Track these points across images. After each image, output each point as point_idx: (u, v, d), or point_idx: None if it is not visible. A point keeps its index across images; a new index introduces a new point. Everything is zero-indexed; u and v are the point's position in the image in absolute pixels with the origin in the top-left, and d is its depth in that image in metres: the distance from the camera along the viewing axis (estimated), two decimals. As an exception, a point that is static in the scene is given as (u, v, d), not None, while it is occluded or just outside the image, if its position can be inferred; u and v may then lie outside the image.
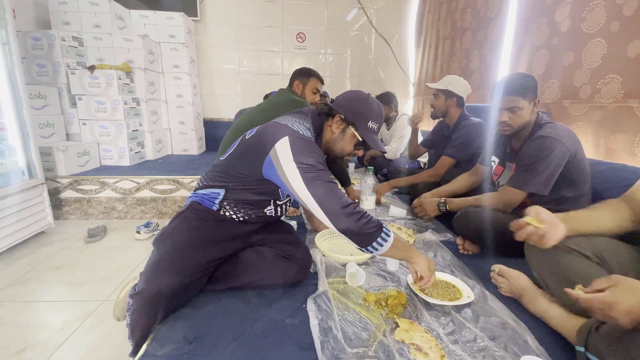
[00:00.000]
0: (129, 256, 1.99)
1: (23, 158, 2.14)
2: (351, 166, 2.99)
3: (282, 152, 0.94)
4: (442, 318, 0.93)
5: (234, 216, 1.09)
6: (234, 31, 3.97)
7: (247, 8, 3.92)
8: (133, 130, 3.07)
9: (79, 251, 2.06)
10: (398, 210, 1.77)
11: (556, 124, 1.30)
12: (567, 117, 1.88)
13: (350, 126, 1.06)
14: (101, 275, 1.77)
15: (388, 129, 2.89)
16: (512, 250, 1.27)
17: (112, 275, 1.77)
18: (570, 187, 1.28)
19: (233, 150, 1.11)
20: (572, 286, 0.78)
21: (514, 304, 1.01)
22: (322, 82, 1.97)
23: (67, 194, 2.54)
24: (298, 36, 4.06)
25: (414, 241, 1.45)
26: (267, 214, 1.14)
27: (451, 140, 1.92)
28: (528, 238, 0.86)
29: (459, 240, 1.42)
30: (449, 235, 1.52)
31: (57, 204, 2.51)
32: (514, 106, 1.27)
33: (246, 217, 1.10)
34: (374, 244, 0.91)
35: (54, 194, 2.49)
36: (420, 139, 2.75)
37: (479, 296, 1.02)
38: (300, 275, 1.12)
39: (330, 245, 1.37)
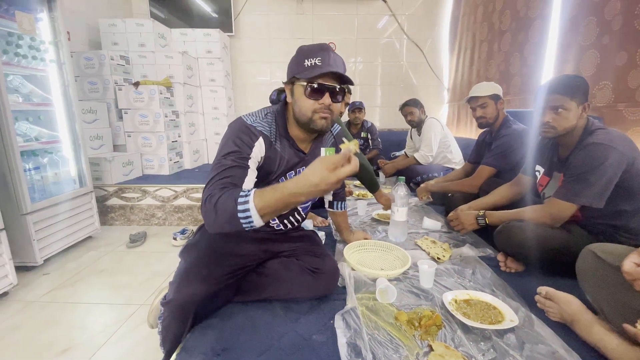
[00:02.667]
0: (166, 262, 2.08)
1: (75, 168, 2.32)
2: (381, 175, 2.93)
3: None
4: (482, 343, 0.86)
5: None
6: (266, 45, 4.09)
7: (279, 22, 4.03)
8: (172, 141, 3.24)
9: (121, 256, 2.18)
10: (432, 222, 1.69)
11: (609, 129, 1.18)
12: (622, 122, 1.70)
13: (295, 83, 0.99)
14: (140, 280, 1.85)
15: (419, 134, 2.81)
16: (561, 269, 1.16)
17: (150, 280, 1.85)
18: (629, 200, 1.14)
19: None
20: (635, 314, 0.68)
21: (565, 330, 0.90)
22: (350, 92, 1.96)
23: (113, 201, 2.71)
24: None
25: (450, 256, 1.37)
26: (275, 227, 1.15)
27: (491, 148, 1.81)
28: None
29: (500, 257, 1.32)
30: (489, 251, 1.42)
31: (103, 210, 2.69)
32: (559, 105, 1.17)
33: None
34: (242, 223, 0.75)
35: (101, 201, 2.67)
36: (459, 153, 2.59)
37: (524, 320, 0.93)
38: (327, 289, 1.09)
39: (360, 259, 1.34)
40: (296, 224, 1.21)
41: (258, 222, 0.75)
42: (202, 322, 0.96)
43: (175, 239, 2.34)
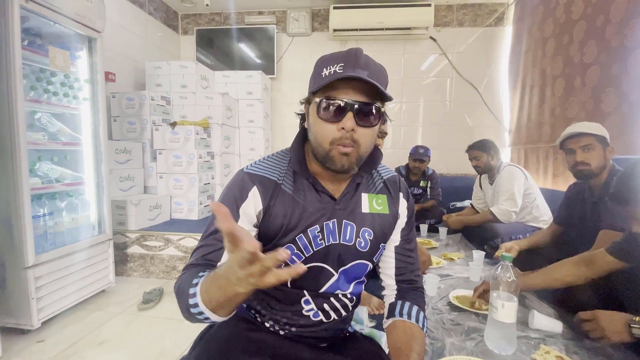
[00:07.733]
0: (179, 332, 1.69)
1: (95, 213, 2.10)
2: (441, 232, 2.42)
3: None
4: None
5: (266, 324, 0.76)
6: (307, 86, 3.95)
7: (322, 62, 3.90)
8: (204, 184, 3.02)
9: (129, 320, 1.83)
10: (548, 321, 1.11)
11: None
12: None
13: (311, 101, 0.74)
14: (144, 358, 1.47)
15: (491, 183, 2.31)
16: None
17: (156, 359, 1.46)
18: None
19: None
20: None
21: None
22: (385, 121, 1.66)
23: (133, 249, 2.45)
24: (372, 86, 3.86)
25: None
26: (311, 317, 0.75)
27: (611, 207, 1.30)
28: None
29: None
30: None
31: (122, 259, 2.43)
32: None
33: (280, 325, 0.75)
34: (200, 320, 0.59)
35: (121, 248, 2.42)
36: (547, 208, 2.08)
37: None
38: None
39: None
40: (344, 312, 0.79)
41: (215, 318, 0.56)
42: None
43: (193, 301, 1.96)
